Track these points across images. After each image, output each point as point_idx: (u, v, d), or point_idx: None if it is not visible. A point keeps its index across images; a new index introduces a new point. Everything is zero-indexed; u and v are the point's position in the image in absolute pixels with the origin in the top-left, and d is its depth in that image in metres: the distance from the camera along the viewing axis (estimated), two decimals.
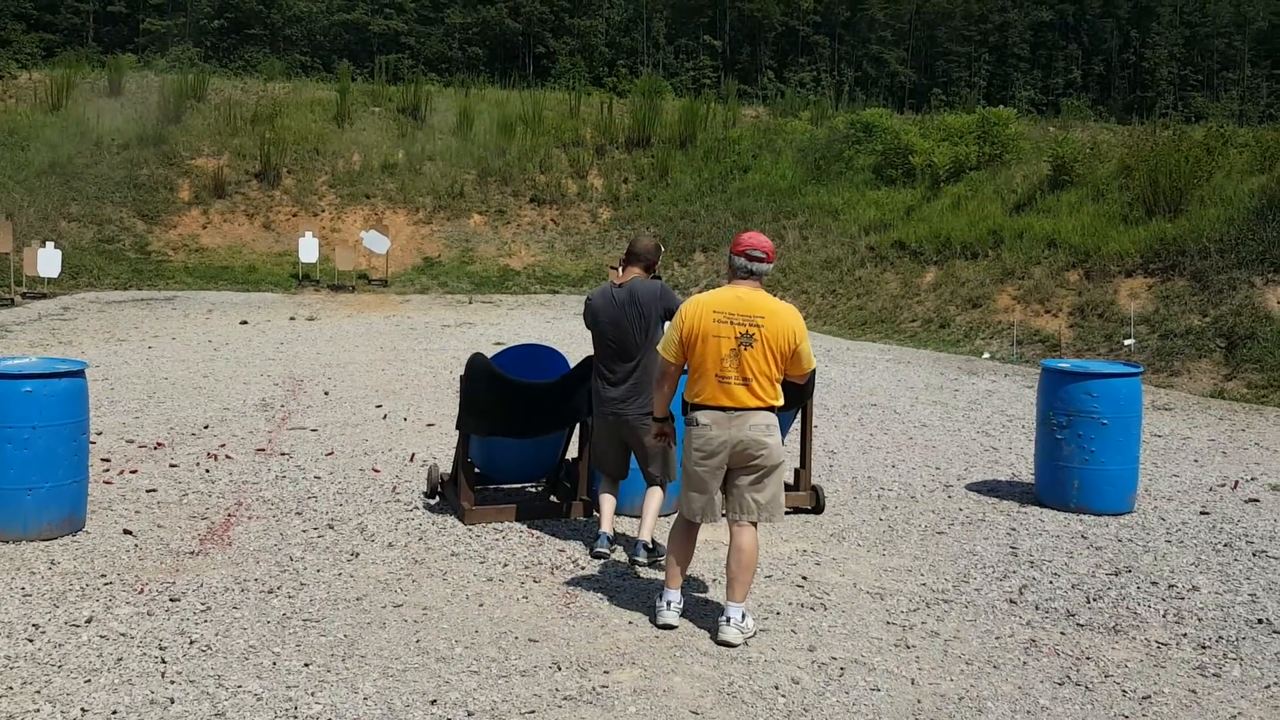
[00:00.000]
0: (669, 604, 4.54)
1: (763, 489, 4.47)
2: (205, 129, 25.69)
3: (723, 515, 4.58)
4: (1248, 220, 13.90)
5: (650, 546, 5.35)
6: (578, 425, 6.21)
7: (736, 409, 4.41)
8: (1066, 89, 68.34)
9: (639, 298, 5.46)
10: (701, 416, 4.45)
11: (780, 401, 4.49)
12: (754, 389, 4.40)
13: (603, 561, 5.37)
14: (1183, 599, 5.09)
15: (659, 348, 4.64)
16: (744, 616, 4.44)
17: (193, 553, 5.28)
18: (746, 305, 4.44)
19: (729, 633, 4.36)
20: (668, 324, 4.84)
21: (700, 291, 23.27)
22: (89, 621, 4.34)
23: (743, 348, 4.38)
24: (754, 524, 4.48)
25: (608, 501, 5.60)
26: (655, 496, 5.48)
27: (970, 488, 7.29)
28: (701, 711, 3.75)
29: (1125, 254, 14.74)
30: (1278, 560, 5.75)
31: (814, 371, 4.47)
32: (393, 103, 28.80)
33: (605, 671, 4.05)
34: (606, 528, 5.52)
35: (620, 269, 5.67)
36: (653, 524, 5.42)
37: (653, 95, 30.34)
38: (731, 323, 4.41)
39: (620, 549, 5.56)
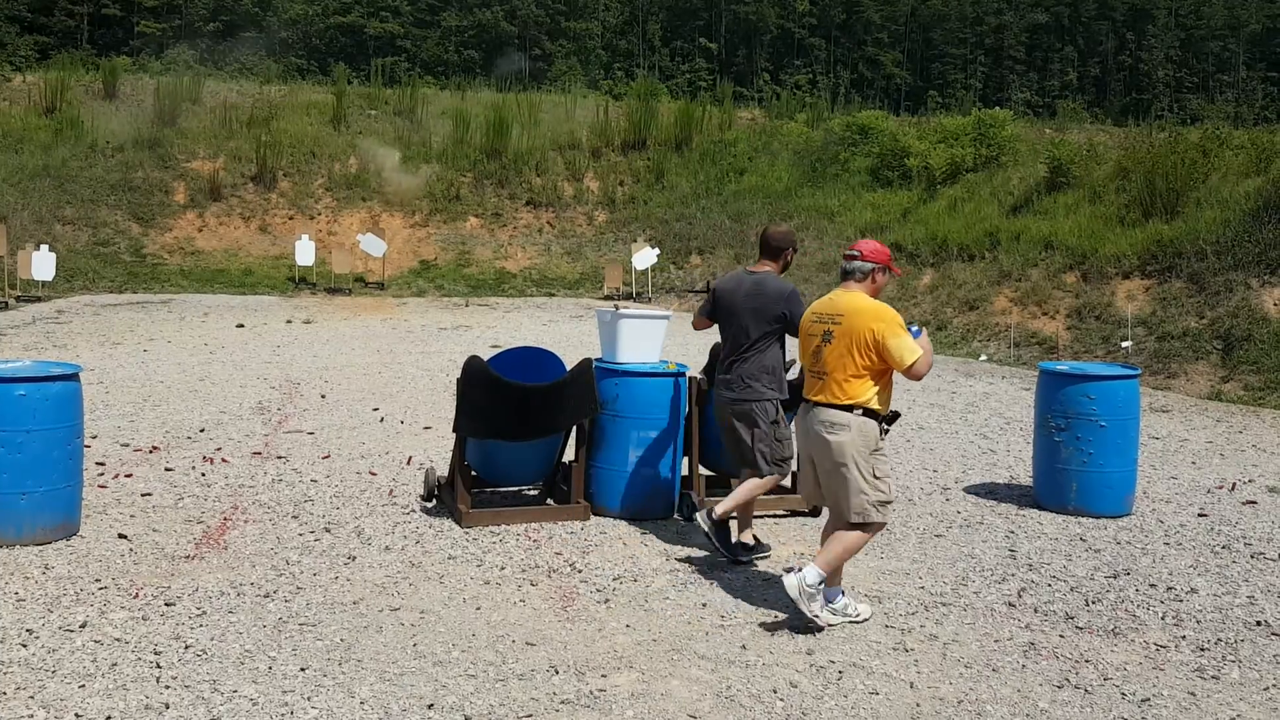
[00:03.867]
0: (801, 586, 4.46)
1: (834, 487, 4.57)
2: (201, 132, 25.66)
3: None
4: (1244, 222, 13.91)
5: (751, 545, 5.44)
6: (574, 428, 6.18)
7: (812, 403, 4.63)
8: (1062, 91, 68.48)
9: (765, 291, 5.40)
10: (800, 409, 4.77)
11: (864, 400, 4.53)
12: (829, 385, 4.55)
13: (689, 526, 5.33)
14: (1181, 601, 5.08)
15: None
16: (819, 581, 4.46)
17: (188, 557, 5.26)
18: (833, 304, 4.65)
19: (787, 579, 4.45)
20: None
21: (695, 294, 23.12)
22: (83, 626, 4.31)
23: (823, 344, 4.58)
24: (851, 528, 4.55)
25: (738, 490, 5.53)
26: (747, 482, 5.41)
27: (968, 490, 7.28)
28: (699, 715, 3.73)
29: (1122, 256, 14.75)
30: (1275, 562, 5.74)
31: (915, 366, 4.48)
32: (389, 105, 28.80)
33: (603, 675, 4.03)
34: (719, 509, 5.40)
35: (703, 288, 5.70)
36: (733, 504, 5.39)
37: (649, 98, 30.36)
38: (820, 321, 4.64)
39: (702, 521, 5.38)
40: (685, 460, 6.35)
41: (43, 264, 18.81)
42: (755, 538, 5.60)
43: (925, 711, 3.83)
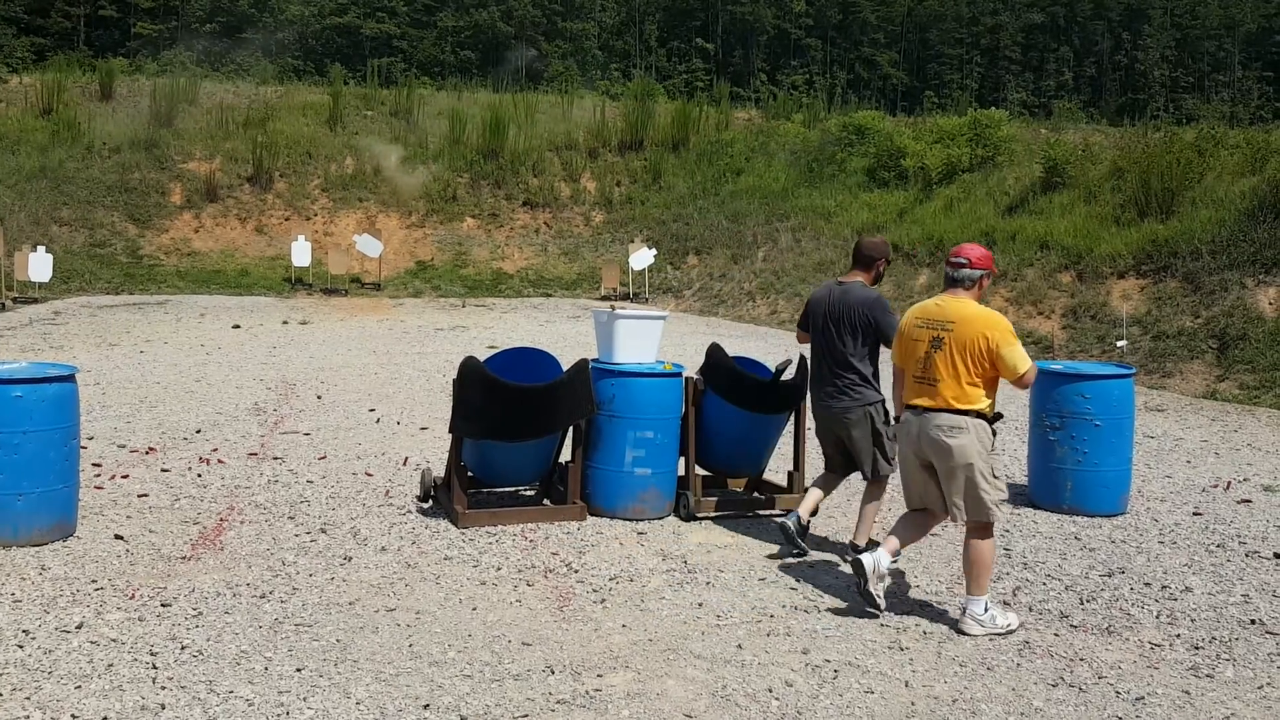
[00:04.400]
0: (876, 567, 4.68)
1: (956, 489, 4.64)
2: (197, 133, 25.65)
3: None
4: (1239, 222, 13.94)
5: (861, 548, 5.40)
6: (571, 428, 6.19)
7: (925, 409, 4.68)
8: (1058, 91, 68.56)
9: (851, 300, 5.55)
10: (905, 415, 4.82)
11: (979, 405, 4.65)
12: (941, 390, 4.64)
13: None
14: (1176, 600, 5.09)
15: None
16: (984, 609, 4.58)
17: (184, 558, 5.26)
18: (941, 311, 4.73)
19: (964, 623, 4.58)
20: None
21: (693, 294, 23.17)
22: (80, 627, 4.31)
23: (933, 350, 4.66)
24: (975, 524, 4.64)
25: (812, 492, 5.74)
26: (870, 499, 5.60)
27: None
28: (695, 715, 3.74)
29: (1117, 255, 14.77)
30: (1270, 561, 5.76)
31: (1026, 375, 4.68)
32: (385, 106, 28.79)
33: (599, 675, 4.04)
34: (801, 510, 5.63)
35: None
36: (868, 529, 5.55)
37: (645, 98, 30.39)
38: (928, 327, 4.72)
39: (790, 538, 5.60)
40: (681, 460, 6.36)
41: (39, 265, 18.81)
42: (870, 539, 5.58)
43: (920, 710, 3.84)
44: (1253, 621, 4.83)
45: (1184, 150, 16.47)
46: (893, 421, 5.31)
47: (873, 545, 5.10)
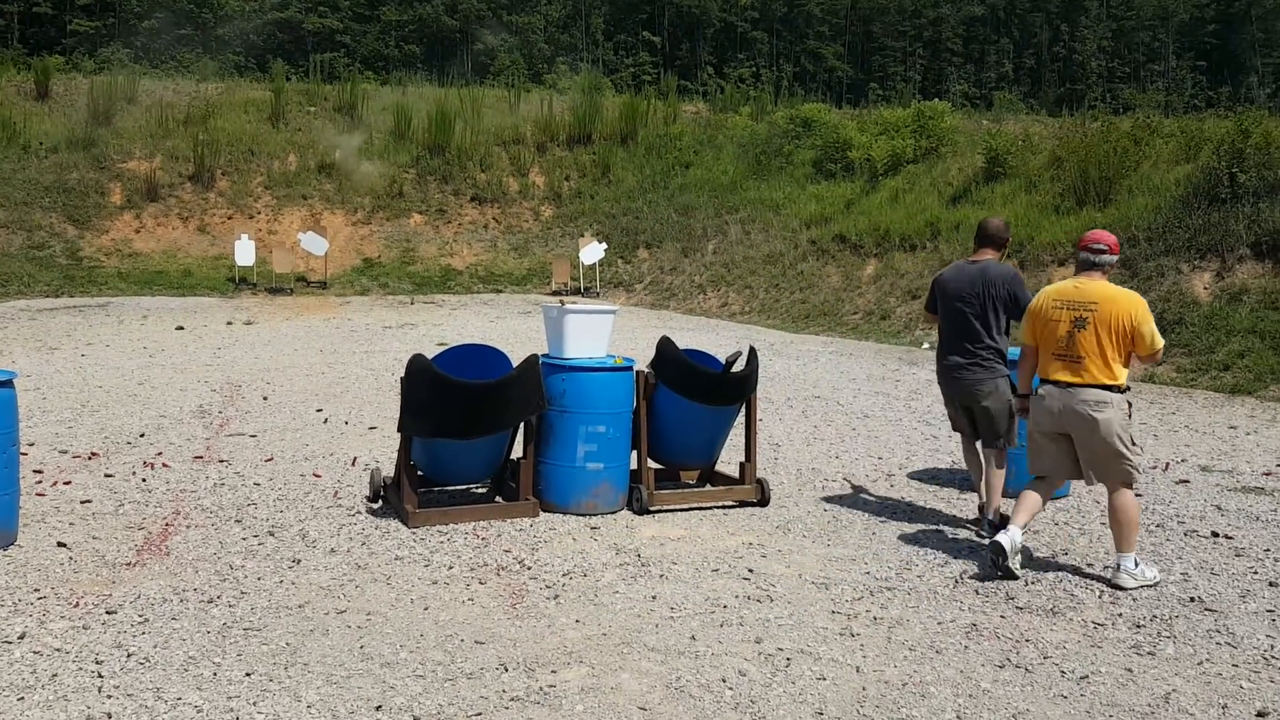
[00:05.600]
0: (1014, 544, 5.06)
1: (1101, 458, 5.07)
2: (137, 131, 25.16)
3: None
4: (1174, 208, 14.27)
5: (995, 521, 5.76)
6: (522, 424, 6.17)
7: (1069, 384, 5.09)
8: (999, 83, 69.55)
9: (990, 277, 5.95)
10: (1042, 390, 5.20)
11: (1121, 381, 5.07)
12: (1086, 367, 5.06)
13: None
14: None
15: (1021, 332, 5.25)
16: (1136, 564, 5.06)
17: (129, 564, 5.17)
18: (1081, 293, 5.17)
19: (1119, 578, 5.03)
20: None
21: (644, 288, 23.20)
22: (22, 637, 4.23)
23: (1076, 330, 5.08)
24: (1118, 485, 5.07)
25: (974, 464, 6.13)
26: (994, 469, 5.92)
27: (912, 476, 7.40)
28: (649, 708, 3.76)
29: (1057, 243, 15.04)
30: (1208, 540, 5.91)
31: (1160, 350, 5.18)
32: (329, 102, 28.44)
33: (553, 671, 4.04)
34: (990, 509, 5.92)
35: (974, 251, 6.26)
36: (998, 499, 5.90)
37: (593, 92, 30.32)
38: (1068, 308, 5.14)
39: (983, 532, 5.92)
40: (634, 454, 6.37)
41: None
42: (1000, 513, 5.89)
43: (871, 695, 3.89)
44: (1192, 599, 4.95)
45: (1121, 139, 16.81)
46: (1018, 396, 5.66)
47: (1003, 520, 5.52)
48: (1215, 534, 6.00)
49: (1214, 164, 14.18)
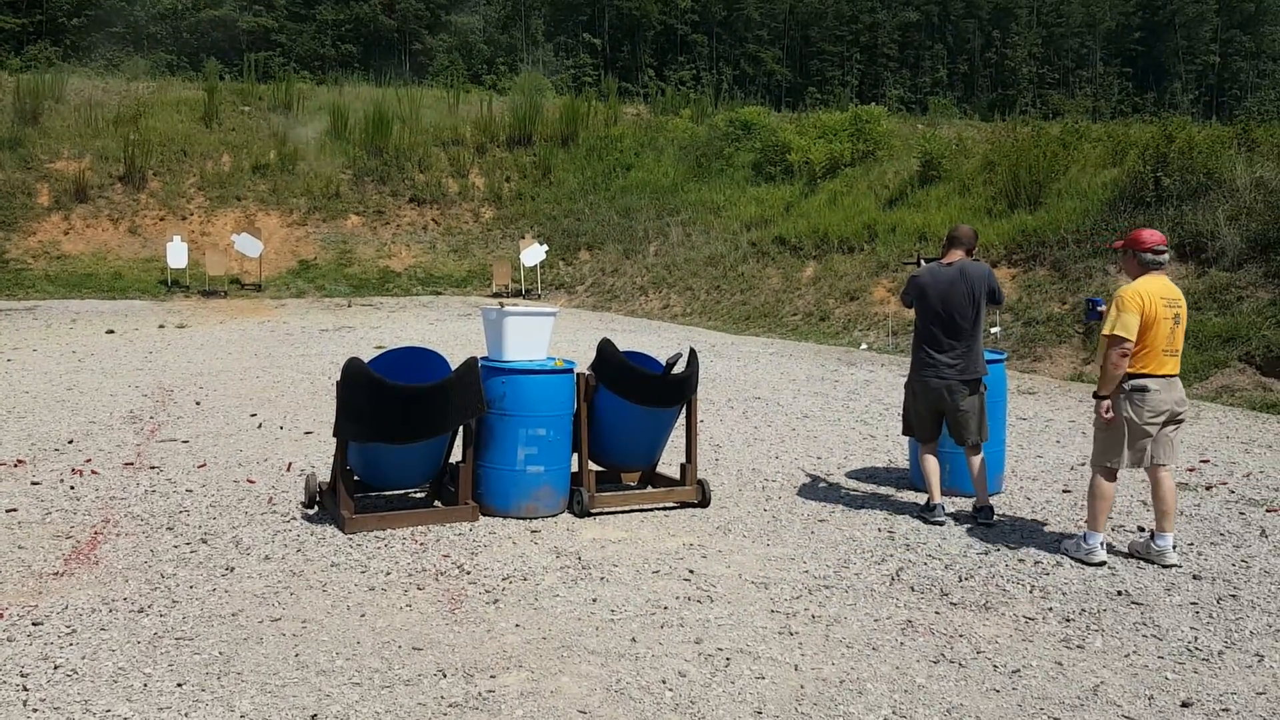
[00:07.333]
0: (1100, 544, 5.51)
1: (1176, 439, 5.60)
2: (65, 131, 24.53)
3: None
4: (1101, 211, 14.62)
5: (991, 509, 6.19)
6: (461, 428, 6.13)
7: (1174, 376, 5.51)
8: (933, 88, 70.71)
9: (969, 276, 6.18)
10: (1151, 384, 5.45)
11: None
12: (1178, 359, 5.54)
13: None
14: (1048, 574, 5.33)
15: (1118, 330, 5.38)
16: (1174, 545, 5.55)
17: (57, 573, 5.04)
18: (1171, 291, 5.54)
19: (1168, 556, 5.48)
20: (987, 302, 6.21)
21: (586, 290, 23.10)
22: None
23: (1175, 326, 5.48)
24: (1168, 466, 5.53)
25: (932, 467, 6.31)
26: (979, 463, 6.23)
27: (850, 475, 7.49)
28: (589, 710, 3.76)
29: (990, 245, 15.33)
30: (1133, 534, 6.07)
31: None
32: (263, 101, 27.99)
33: (492, 676, 4.02)
34: (938, 498, 6.24)
35: (942, 254, 6.46)
36: (985, 489, 6.25)
37: (533, 93, 30.24)
38: (1171, 306, 5.48)
39: (949, 518, 6.26)
40: (575, 456, 6.37)
41: None
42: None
43: (809, 693, 3.93)
44: (1119, 593, 5.08)
45: (1050, 144, 17.20)
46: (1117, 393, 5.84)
47: (1149, 533, 5.79)
48: (1141, 529, 6.17)
49: (1139, 168, 14.57)
